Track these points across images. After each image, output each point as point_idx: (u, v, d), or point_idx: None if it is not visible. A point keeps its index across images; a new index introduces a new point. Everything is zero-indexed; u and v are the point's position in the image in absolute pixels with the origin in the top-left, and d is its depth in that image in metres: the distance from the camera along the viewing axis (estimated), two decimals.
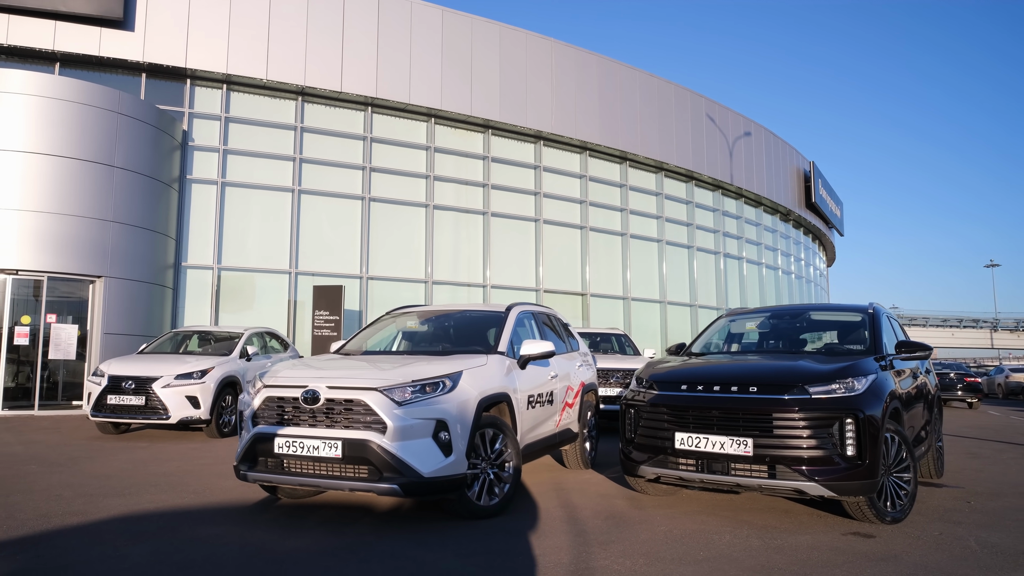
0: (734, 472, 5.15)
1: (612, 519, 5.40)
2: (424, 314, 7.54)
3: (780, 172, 30.42)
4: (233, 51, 16.92)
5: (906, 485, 5.41)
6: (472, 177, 20.27)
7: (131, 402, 10.13)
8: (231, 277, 17.23)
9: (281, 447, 5.11)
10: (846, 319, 7.03)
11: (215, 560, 4.24)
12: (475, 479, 5.35)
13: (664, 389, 5.67)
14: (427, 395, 5.12)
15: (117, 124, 14.78)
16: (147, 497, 6.07)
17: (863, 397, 5.11)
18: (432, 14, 19.32)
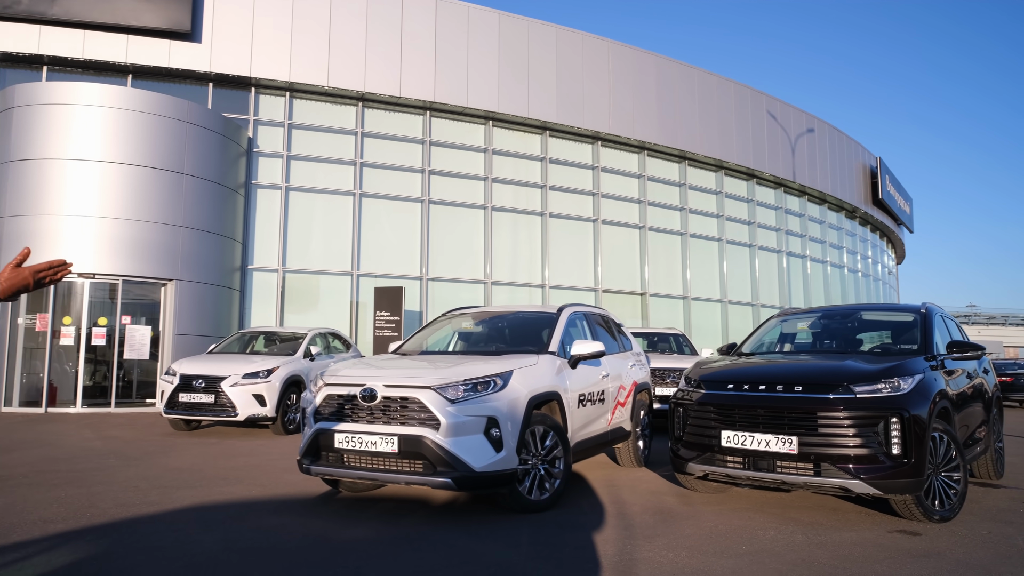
0: (779, 470, 5.19)
1: (660, 514, 5.49)
2: (478, 315, 7.73)
3: (845, 168, 29.78)
4: (295, 60, 17.44)
5: (955, 484, 5.36)
6: (530, 178, 20.44)
7: (201, 400, 10.58)
8: (295, 279, 17.76)
9: (341, 442, 5.35)
10: (898, 319, 6.96)
11: (279, 547, 4.49)
12: (526, 474, 5.51)
13: (711, 388, 5.73)
14: (479, 393, 5.29)
15: (186, 133, 15.40)
16: (217, 489, 6.40)
17: (909, 396, 5.09)
18: (489, 18, 19.55)
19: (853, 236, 31.78)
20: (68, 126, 14.43)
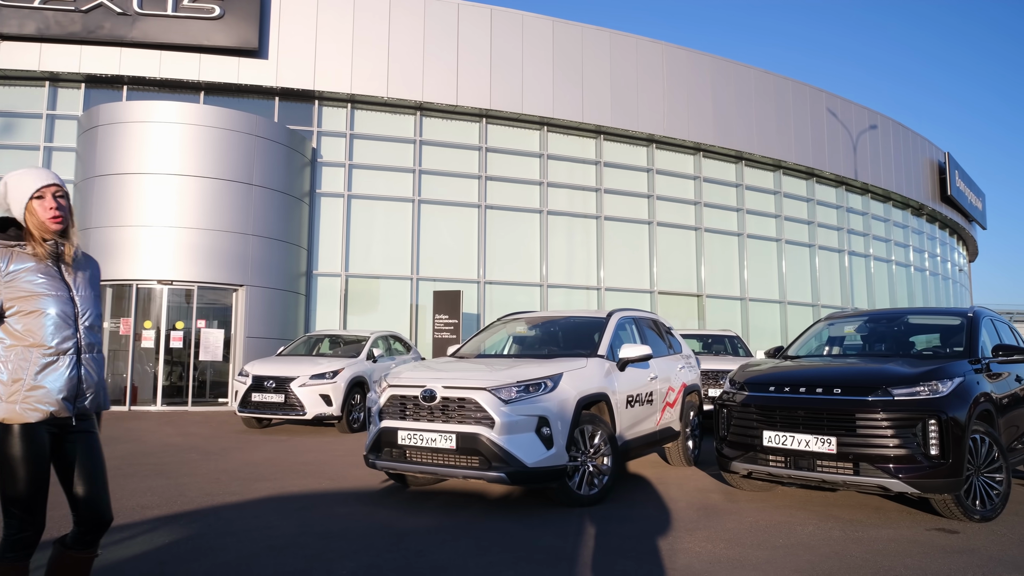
0: (819, 469, 5.43)
1: (704, 510, 5.77)
2: (531, 320, 8.10)
3: (911, 165, 29.20)
4: (356, 73, 18.09)
5: (998, 485, 5.51)
6: (584, 182, 20.73)
7: (272, 399, 11.21)
8: (357, 283, 18.42)
9: (403, 439, 5.79)
10: (944, 323, 7.09)
11: (349, 533, 4.94)
12: (575, 470, 5.86)
13: (754, 390, 5.99)
14: (530, 394, 5.67)
15: (255, 146, 16.16)
16: (290, 481, 6.91)
17: (947, 399, 5.27)
18: (543, 25, 19.92)
19: (920, 234, 31.11)
20: (147, 142, 15.32)
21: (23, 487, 2.64)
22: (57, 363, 2.72)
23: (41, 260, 2.77)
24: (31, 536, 2.68)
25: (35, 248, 2.76)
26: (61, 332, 2.75)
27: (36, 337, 2.70)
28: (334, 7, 18.10)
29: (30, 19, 16.68)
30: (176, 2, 16.97)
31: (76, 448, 2.83)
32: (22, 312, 2.70)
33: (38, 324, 2.71)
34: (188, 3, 17.01)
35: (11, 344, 2.69)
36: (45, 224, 2.77)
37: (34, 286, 2.72)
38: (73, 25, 16.76)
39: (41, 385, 2.68)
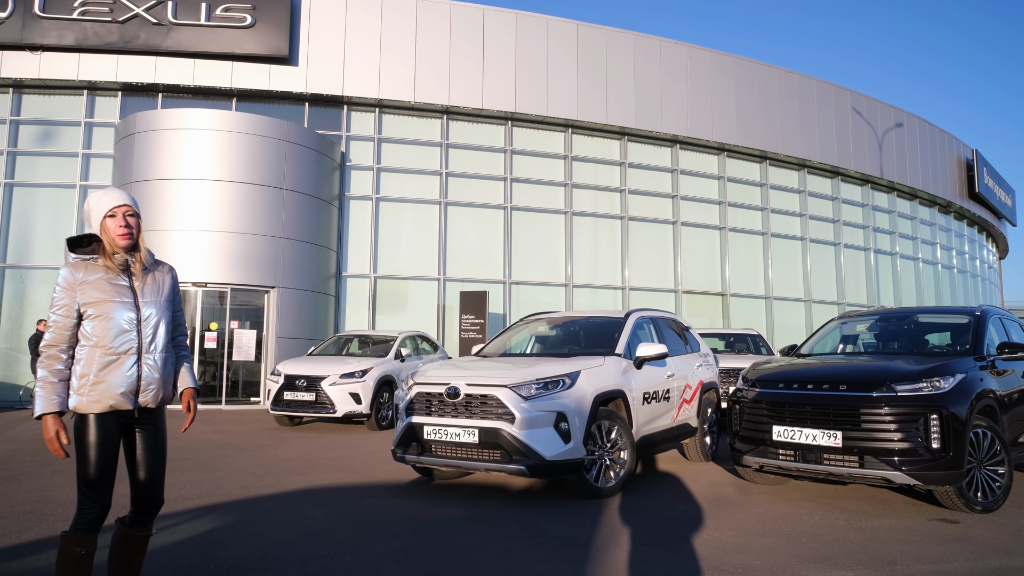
0: (826, 462, 5.66)
1: (716, 502, 6.02)
2: (553, 320, 8.38)
3: (937, 163, 29.00)
4: (384, 78, 18.48)
5: (1000, 478, 5.70)
6: (609, 183, 20.94)
7: (303, 398, 11.59)
8: (386, 284, 18.81)
9: (429, 434, 6.10)
10: (953, 321, 7.24)
11: (377, 521, 5.26)
12: (593, 464, 6.13)
13: (764, 387, 6.22)
14: (549, 391, 5.95)
15: (285, 151, 16.61)
16: (322, 475, 7.25)
17: (948, 395, 5.47)
18: (567, 28, 20.17)
19: (948, 231, 30.87)
20: (181, 149, 15.83)
21: (92, 470, 3.02)
22: (118, 362, 3.09)
23: (111, 271, 3.13)
24: (98, 514, 3.05)
25: (106, 261, 3.13)
26: (123, 335, 3.11)
27: (101, 339, 3.07)
28: (362, 15, 18.50)
29: (69, 30, 17.27)
30: (209, 12, 17.47)
31: (140, 438, 3.19)
32: (92, 316, 3.08)
33: (104, 328, 3.07)
34: (221, 12, 17.49)
35: (83, 344, 3.09)
36: (115, 240, 3.13)
37: (102, 294, 3.09)
38: (110, 35, 17.32)
39: (103, 380, 3.05)
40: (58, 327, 3.06)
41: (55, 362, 3.04)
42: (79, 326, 3.08)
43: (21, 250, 17.68)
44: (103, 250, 3.14)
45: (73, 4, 17.24)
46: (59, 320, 3.06)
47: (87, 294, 3.07)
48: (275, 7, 17.65)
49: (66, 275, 3.09)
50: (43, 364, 3.04)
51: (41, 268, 17.63)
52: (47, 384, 3.02)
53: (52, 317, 3.07)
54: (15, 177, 17.87)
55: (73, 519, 3.06)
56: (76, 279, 3.08)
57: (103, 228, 3.13)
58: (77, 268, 3.11)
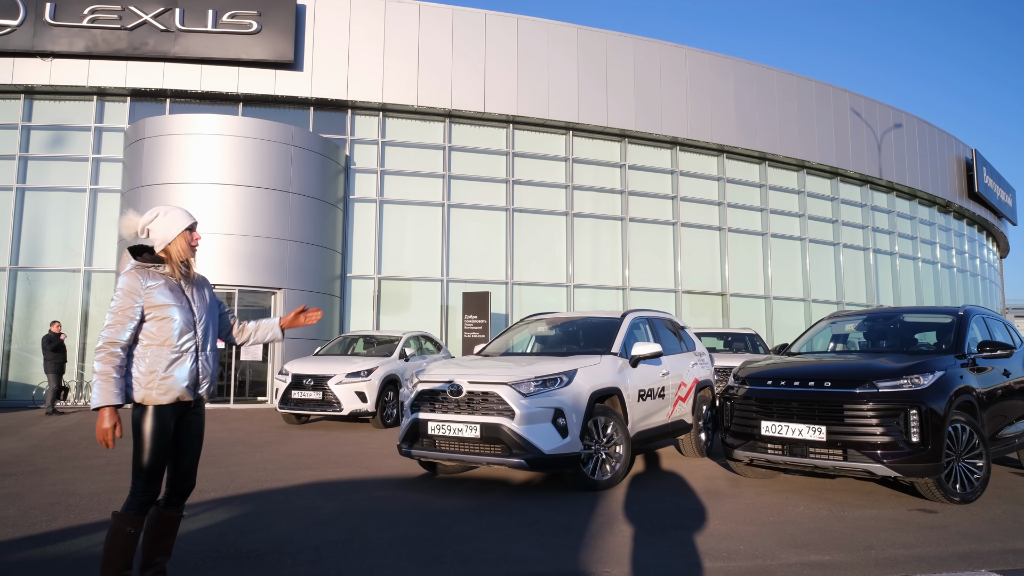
0: (811, 455, 5.94)
1: (707, 494, 6.31)
2: (552, 321, 8.67)
3: (937, 163, 29.24)
4: (387, 82, 18.79)
5: (978, 470, 5.98)
6: (610, 185, 21.22)
7: (311, 397, 11.90)
8: (389, 285, 19.12)
9: (433, 429, 6.40)
10: (936, 321, 7.52)
11: (385, 512, 5.56)
12: (589, 458, 6.42)
13: (753, 384, 6.51)
14: (547, 388, 6.24)
15: (291, 155, 16.92)
16: (330, 470, 7.56)
17: (927, 391, 5.75)
18: (568, 32, 20.46)
19: (947, 231, 31.09)
20: (190, 153, 16.17)
21: (149, 457, 3.36)
22: (182, 359, 3.44)
23: (170, 278, 3.49)
24: (150, 498, 3.39)
25: (173, 269, 3.49)
26: (184, 334, 3.47)
27: (167, 339, 3.42)
28: (366, 20, 18.82)
29: (79, 37, 17.60)
30: (216, 18, 17.79)
31: (187, 427, 3.54)
32: (155, 318, 3.42)
33: (168, 328, 3.42)
34: (227, 19, 17.81)
35: (147, 344, 3.41)
36: (188, 251, 3.52)
37: (166, 298, 3.44)
38: (119, 42, 17.64)
39: (171, 375, 3.41)
40: (120, 327, 3.37)
41: (115, 359, 3.35)
42: (140, 327, 3.40)
43: (32, 253, 18.01)
44: (168, 259, 3.49)
45: (83, 12, 17.57)
46: (122, 321, 3.38)
47: (153, 298, 3.41)
48: (280, 14, 17.97)
49: (130, 281, 3.41)
50: (102, 360, 3.33)
51: (52, 271, 17.97)
52: (107, 379, 3.31)
53: (114, 318, 3.37)
54: (26, 181, 18.21)
55: (126, 501, 3.38)
56: (142, 285, 3.41)
57: (176, 241, 3.49)
58: (141, 275, 3.44)
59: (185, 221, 3.53)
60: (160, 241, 3.48)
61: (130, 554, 3.34)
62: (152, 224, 3.49)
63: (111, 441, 3.30)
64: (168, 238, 3.48)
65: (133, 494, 3.37)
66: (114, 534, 3.33)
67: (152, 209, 3.53)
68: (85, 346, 17.77)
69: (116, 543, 3.32)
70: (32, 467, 7.75)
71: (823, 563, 4.22)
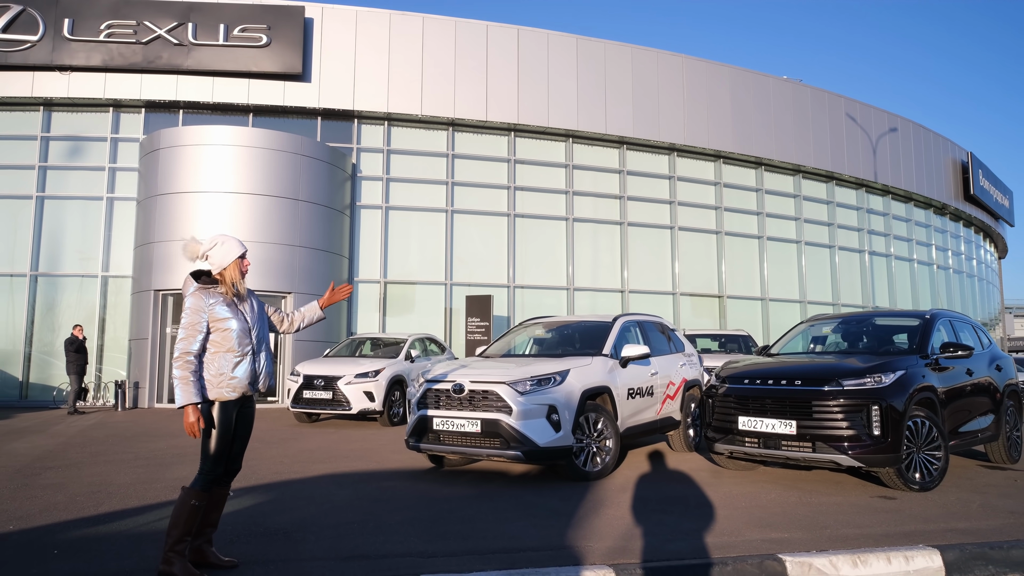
0: (783, 447, 6.53)
1: (689, 484, 6.90)
2: (548, 324, 9.27)
3: (932, 165, 29.75)
4: (392, 92, 19.42)
5: (937, 461, 6.55)
6: (609, 190, 21.82)
7: (321, 396, 12.51)
8: (395, 289, 19.74)
9: (438, 425, 7.00)
10: (905, 324, 8.08)
11: (395, 498, 6.16)
12: (581, 450, 7.02)
13: (732, 383, 7.10)
14: (542, 387, 6.84)
15: (300, 164, 17.55)
16: (342, 464, 8.16)
17: (888, 389, 6.33)
18: (567, 42, 21.06)
19: (943, 233, 31.58)
20: (203, 163, 16.81)
21: (220, 444, 4.07)
22: (243, 361, 4.13)
23: (226, 296, 4.17)
24: (216, 477, 4.11)
25: (227, 289, 4.16)
26: (242, 341, 4.15)
27: (229, 345, 4.11)
28: (371, 32, 19.45)
29: (96, 52, 18.26)
30: (227, 32, 18.43)
31: (242, 416, 4.23)
32: (218, 329, 4.11)
33: (229, 337, 4.11)
34: (238, 33, 18.46)
35: (214, 351, 4.10)
36: (239, 275, 4.20)
37: (224, 312, 4.13)
38: (134, 56, 18.30)
39: (235, 375, 4.11)
40: (192, 339, 4.05)
41: (191, 365, 4.03)
42: (207, 338, 4.07)
43: (52, 259, 18.66)
44: (223, 281, 4.17)
45: (100, 27, 18.23)
46: (192, 334, 4.06)
47: (215, 313, 4.10)
48: (289, 27, 18.61)
49: (196, 301, 4.10)
50: (180, 367, 4.00)
51: (70, 276, 18.62)
52: (187, 382, 4.00)
53: (185, 332, 4.05)
54: (46, 190, 18.86)
55: (195, 479, 4.06)
56: (206, 303, 4.10)
57: (230, 267, 4.16)
58: (204, 294, 4.13)
59: (238, 250, 4.20)
60: (217, 266, 4.16)
61: (193, 523, 4.00)
62: (211, 251, 4.16)
63: (197, 432, 3.98)
64: (224, 263, 4.15)
65: (202, 473, 4.05)
66: (182, 506, 3.99)
67: (211, 238, 4.22)
68: (103, 348, 18.42)
69: (183, 513, 3.98)
70: (67, 461, 8.38)
71: (781, 539, 4.80)
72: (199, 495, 4.03)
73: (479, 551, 4.50)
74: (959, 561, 4.38)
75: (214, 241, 4.21)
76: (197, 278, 4.18)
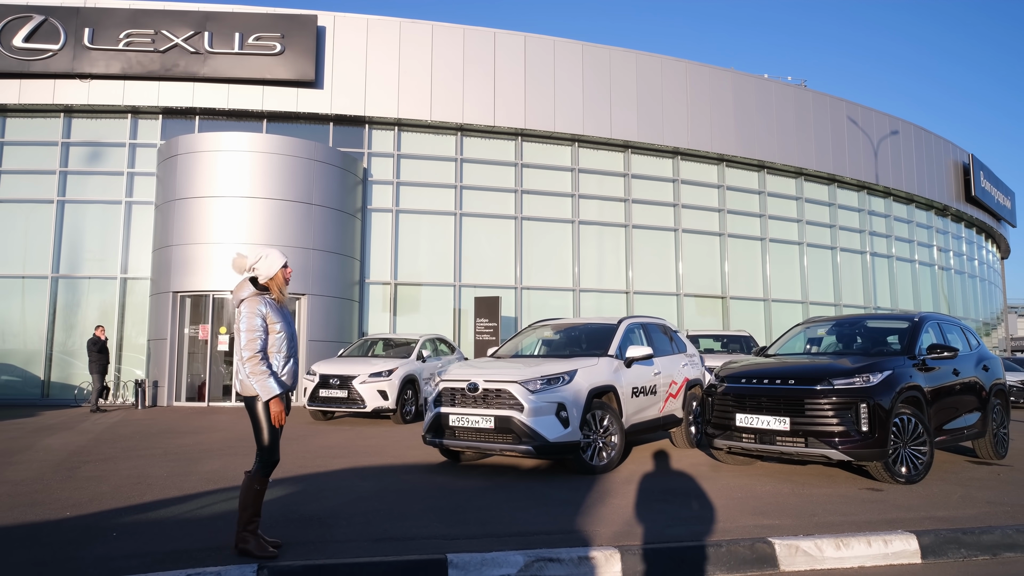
0: (778, 442, 6.98)
1: (690, 477, 7.36)
2: (556, 326, 9.73)
3: (933, 168, 30.12)
4: (402, 99, 19.91)
5: (922, 456, 7.00)
6: (614, 193, 22.27)
7: (337, 395, 12.98)
8: (405, 290, 20.23)
9: (454, 421, 7.47)
10: (895, 326, 8.52)
11: (415, 490, 6.63)
12: (588, 446, 7.48)
13: (730, 382, 7.55)
14: (551, 386, 7.30)
15: (313, 169, 18.04)
16: (362, 459, 8.64)
17: (876, 388, 6.77)
18: (573, 49, 21.51)
19: (945, 234, 31.93)
20: (219, 169, 17.30)
21: (275, 434, 4.60)
22: (289, 362, 4.67)
23: (277, 302, 4.68)
24: (274, 464, 4.66)
25: (278, 295, 4.69)
26: (289, 344, 4.70)
27: (281, 347, 4.67)
28: (382, 40, 19.94)
29: (115, 60, 18.77)
30: (242, 41, 18.92)
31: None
32: (272, 332, 4.63)
33: (282, 339, 4.67)
34: (253, 41, 18.95)
35: (271, 351, 4.63)
36: (283, 282, 4.73)
37: (276, 316, 4.66)
38: (152, 64, 18.81)
39: (285, 373, 4.66)
40: (257, 340, 4.56)
41: (263, 363, 4.57)
42: (266, 339, 4.59)
43: (72, 261, 19.18)
44: (273, 288, 4.69)
45: (119, 36, 18.73)
46: (256, 336, 4.57)
47: (270, 316, 4.63)
48: (302, 36, 19.10)
49: (257, 307, 4.63)
50: (255, 365, 4.50)
51: (90, 278, 19.13)
52: (266, 377, 4.54)
53: (249, 335, 4.54)
54: (66, 194, 19.38)
55: (257, 468, 4.60)
56: (264, 309, 4.62)
57: (276, 276, 4.67)
58: (261, 301, 4.64)
59: (281, 261, 4.71)
60: (264, 276, 4.65)
61: (259, 505, 4.57)
62: (258, 264, 4.64)
63: (284, 419, 4.57)
64: (270, 273, 4.65)
65: (262, 461, 4.59)
66: (247, 491, 4.55)
67: (256, 252, 4.72)
68: (120, 348, 18.92)
69: (249, 496, 4.56)
70: (101, 456, 8.86)
71: (772, 525, 5.25)
72: (262, 481, 4.59)
73: (497, 534, 4.97)
74: (933, 545, 4.84)
75: (259, 255, 4.70)
76: (254, 285, 4.68)
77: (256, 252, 4.72)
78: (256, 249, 4.80)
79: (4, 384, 18.61)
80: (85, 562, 4.41)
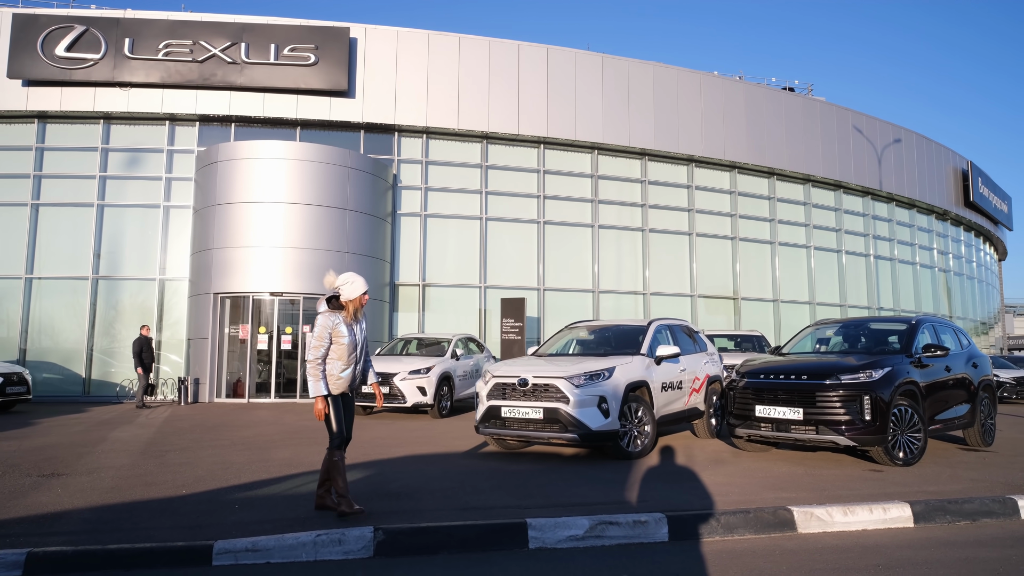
0: (792, 430, 7.91)
1: (714, 462, 8.29)
2: (591, 328, 10.67)
3: (934, 174, 30.98)
4: (431, 108, 20.86)
5: (917, 442, 7.93)
6: (631, 199, 23.20)
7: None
8: (433, 291, 21.19)
9: (505, 412, 8.42)
10: (895, 327, 9.46)
11: (476, 472, 7.56)
12: (625, 434, 8.41)
13: (750, 377, 8.48)
14: (593, 381, 8.24)
15: (346, 176, 19.00)
16: (416, 448, 9.58)
17: (878, 382, 7.70)
18: (593, 60, 22.43)
19: (945, 237, 32.76)
20: (257, 175, 18.26)
21: (335, 420, 5.57)
22: (348, 369, 5.62)
23: (346, 319, 5.61)
24: (342, 439, 5.63)
25: (348, 315, 5.62)
26: (351, 354, 5.63)
27: (342, 356, 5.60)
28: (411, 52, 20.89)
29: (155, 70, 19.74)
30: (277, 52, 19.87)
31: (348, 403, 5.72)
32: (337, 343, 5.59)
33: (343, 349, 5.59)
34: (288, 52, 19.89)
35: (333, 358, 5.61)
36: (359, 307, 5.67)
37: (343, 331, 5.59)
38: (191, 74, 19.77)
39: (342, 377, 5.59)
40: (320, 347, 5.52)
41: (320, 367, 5.53)
42: (329, 348, 5.54)
43: (113, 263, 20.15)
44: (347, 307, 5.62)
45: (158, 46, 19.70)
46: (321, 344, 5.53)
47: (338, 331, 5.57)
48: (335, 47, 20.04)
49: (325, 320, 5.57)
50: (312, 367, 5.49)
51: (130, 279, 20.09)
52: (318, 379, 5.50)
53: (315, 342, 5.51)
54: (106, 199, 20.35)
55: (330, 444, 5.59)
56: (332, 323, 5.57)
57: (354, 300, 5.62)
58: (331, 316, 5.59)
59: (363, 288, 5.67)
60: (346, 298, 5.62)
61: (343, 473, 5.57)
62: (343, 287, 5.63)
63: (322, 415, 5.49)
64: (351, 297, 5.63)
65: (332, 439, 5.59)
66: (329, 463, 5.58)
67: (344, 275, 5.68)
68: (159, 347, 19.87)
69: (333, 467, 5.57)
70: (176, 446, 9.81)
71: (790, 497, 6.18)
72: (336, 452, 5.61)
73: (561, 504, 5.91)
74: (924, 512, 5.78)
75: (346, 280, 5.66)
76: (328, 302, 5.63)
77: (345, 276, 5.67)
78: (345, 274, 5.72)
79: (46, 381, 19.44)
80: (225, 526, 5.33)
